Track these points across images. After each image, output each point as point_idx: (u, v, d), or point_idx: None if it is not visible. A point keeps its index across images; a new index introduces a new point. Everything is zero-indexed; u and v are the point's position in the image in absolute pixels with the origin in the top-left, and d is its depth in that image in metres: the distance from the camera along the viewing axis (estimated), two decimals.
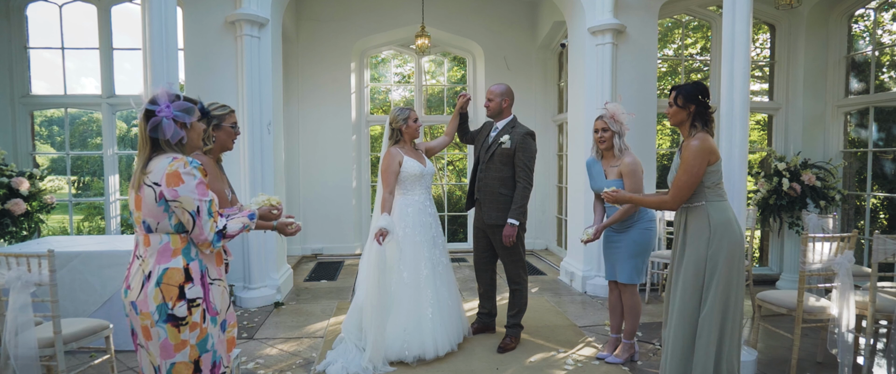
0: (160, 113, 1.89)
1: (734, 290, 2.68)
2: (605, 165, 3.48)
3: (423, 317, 3.49)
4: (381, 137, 10.74)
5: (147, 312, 1.87)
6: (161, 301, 1.87)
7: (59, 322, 2.72)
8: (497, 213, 3.64)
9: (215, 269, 2.03)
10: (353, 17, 7.20)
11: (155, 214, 1.89)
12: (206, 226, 1.91)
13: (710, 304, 2.67)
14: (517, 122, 3.73)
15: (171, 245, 1.91)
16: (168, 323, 1.87)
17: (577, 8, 5.36)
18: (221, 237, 1.96)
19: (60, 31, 5.75)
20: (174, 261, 1.90)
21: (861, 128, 5.78)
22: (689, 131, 2.77)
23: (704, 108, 2.73)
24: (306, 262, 7.04)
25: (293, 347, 3.84)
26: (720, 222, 2.68)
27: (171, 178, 1.86)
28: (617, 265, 3.48)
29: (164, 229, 1.91)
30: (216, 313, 2.01)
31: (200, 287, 1.94)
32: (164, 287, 1.87)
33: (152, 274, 1.89)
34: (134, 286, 1.92)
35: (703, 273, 2.70)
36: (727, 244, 2.67)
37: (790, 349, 3.45)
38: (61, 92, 5.76)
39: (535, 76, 7.61)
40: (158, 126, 1.89)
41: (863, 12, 5.74)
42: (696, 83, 2.76)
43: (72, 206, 5.94)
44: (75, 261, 3.63)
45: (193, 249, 1.95)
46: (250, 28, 4.71)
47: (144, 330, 1.90)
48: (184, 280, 1.90)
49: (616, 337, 3.64)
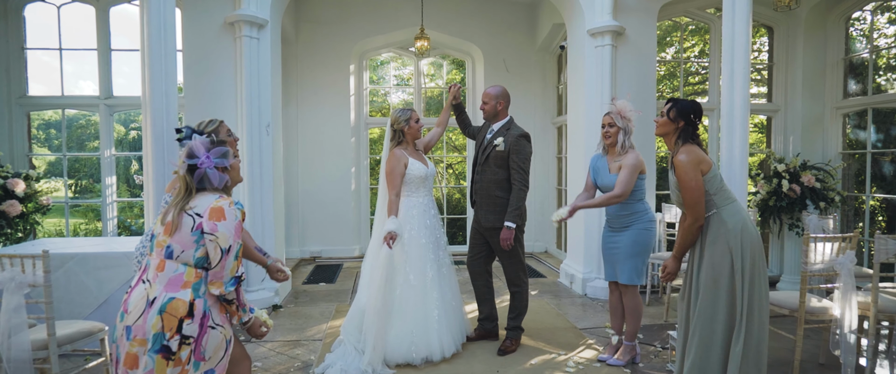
0: (202, 165, 1.99)
1: (758, 291, 2.65)
2: (609, 160, 3.48)
3: (430, 319, 3.47)
4: (380, 139, 10.74)
5: (142, 338, 1.84)
6: (159, 330, 1.84)
7: (53, 324, 2.69)
8: (494, 216, 3.62)
9: (219, 315, 1.98)
10: (352, 19, 7.19)
11: (185, 242, 1.93)
12: (229, 266, 1.94)
13: (740, 309, 2.63)
14: (513, 124, 3.70)
15: (185, 277, 1.92)
16: (159, 354, 1.83)
17: (576, 10, 5.36)
18: (236, 283, 1.98)
19: (58, 32, 5.74)
20: (182, 293, 1.89)
21: (860, 129, 5.78)
22: (673, 144, 2.80)
23: (693, 128, 2.77)
24: (305, 264, 7.00)
25: (291, 349, 3.81)
26: (737, 226, 2.65)
27: (215, 212, 1.93)
28: (617, 266, 3.46)
29: (186, 259, 1.94)
30: (202, 359, 1.92)
31: (197, 327, 1.89)
32: (166, 317, 1.85)
33: (156, 301, 1.87)
34: (133, 311, 1.89)
35: (729, 279, 2.65)
36: (749, 247, 2.64)
37: (792, 351, 3.43)
38: (59, 93, 5.73)
39: (535, 79, 7.60)
40: (204, 178, 2.00)
41: (859, 15, 5.76)
42: (693, 102, 2.79)
43: (68, 208, 5.90)
44: (71, 263, 3.60)
45: (203, 286, 1.94)
46: (249, 29, 4.70)
47: (131, 358, 1.84)
48: (185, 315, 1.87)
49: (619, 339, 3.62)
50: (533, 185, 7.67)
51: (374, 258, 3.45)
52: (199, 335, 1.89)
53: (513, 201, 3.55)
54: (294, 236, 7.20)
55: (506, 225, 3.53)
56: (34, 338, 2.67)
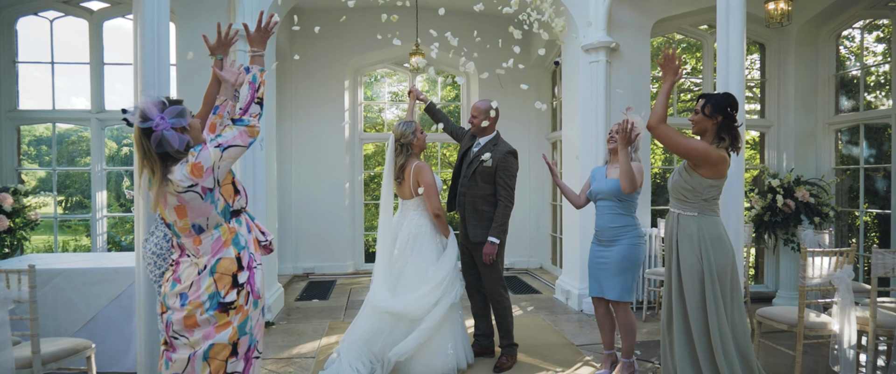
0: (158, 127, 1.87)
1: (728, 304, 2.65)
2: (609, 168, 3.49)
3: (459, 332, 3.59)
4: (375, 155, 10.72)
5: (197, 301, 1.93)
6: (213, 290, 1.94)
7: (38, 341, 2.61)
8: (481, 230, 3.59)
9: (257, 254, 2.12)
10: (347, 35, 7.21)
11: (204, 211, 1.95)
12: (235, 133, 1.99)
13: (710, 320, 2.64)
14: (500, 139, 3.70)
15: (222, 237, 2.00)
16: (217, 309, 1.94)
17: (570, 26, 5.40)
18: (246, 115, 2.06)
19: (50, 45, 5.70)
20: (226, 251, 2.00)
21: (852, 145, 5.83)
22: (710, 141, 2.73)
23: (731, 121, 2.71)
24: (298, 281, 6.91)
25: (283, 367, 3.72)
26: (710, 236, 2.68)
27: (196, 169, 1.90)
28: (604, 282, 3.39)
29: (214, 222, 1.99)
30: (259, 296, 2.07)
31: (248, 271, 2.02)
32: (218, 277, 1.96)
33: (207, 266, 1.96)
34: (185, 280, 1.97)
35: (698, 286, 2.67)
36: (716, 259, 2.66)
37: (790, 367, 3.39)
38: (50, 107, 5.68)
39: (529, 95, 7.63)
40: (162, 140, 1.87)
41: (848, 33, 5.84)
42: (726, 95, 2.73)
43: (57, 223, 5.81)
44: (58, 278, 3.51)
45: (242, 238, 2.05)
46: (244, 43, 4.69)
47: (190, 319, 1.92)
48: (237, 269, 1.99)
49: (610, 353, 3.57)
50: (528, 200, 7.70)
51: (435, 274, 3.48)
52: (249, 278, 2.03)
53: (498, 218, 3.55)
54: (287, 252, 7.11)
55: (489, 240, 3.53)
56: (18, 356, 2.59)
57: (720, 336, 2.64)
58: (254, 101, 2.09)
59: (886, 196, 5.40)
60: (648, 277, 4.93)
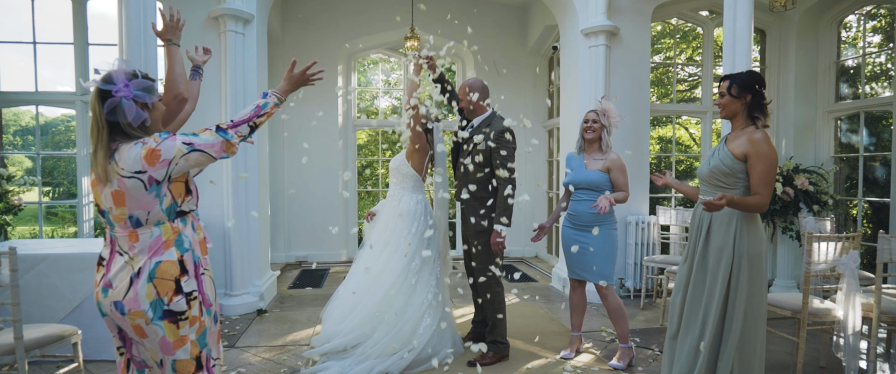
0: (118, 93, 1.71)
1: (757, 291, 2.52)
2: (587, 158, 3.45)
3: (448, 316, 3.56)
4: (368, 143, 10.59)
5: (138, 310, 1.72)
6: (155, 297, 1.73)
7: (20, 327, 2.50)
8: (479, 218, 3.41)
9: (203, 259, 1.92)
10: (340, 19, 7.06)
11: (146, 203, 1.74)
12: (211, 140, 1.77)
13: (732, 304, 2.50)
14: (495, 118, 3.47)
15: (163, 237, 1.78)
16: (165, 320, 1.75)
17: (569, 10, 5.30)
18: (233, 129, 1.83)
19: (32, 25, 5.50)
20: (167, 254, 1.77)
21: (852, 133, 5.79)
22: (743, 124, 2.56)
23: (761, 98, 2.54)
24: (291, 269, 6.81)
25: (277, 355, 3.64)
26: (747, 220, 2.51)
27: (151, 156, 1.69)
28: (592, 267, 3.38)
29: (156, 218, 1.76)
30: (210, 304, 1.91)
31: (194, 280, 1.82)
32: (158, 282, 1.74)
33: (143, 270, 1.74)
34: (118, 285, 1.75)
35: (725, 269, 2.51)
36: (751, 243, 2.49)
37: (793, 354, 3.35)
38: (32, 89, 5.50)
39: (526, 81, 7.54)
40: (117, 108, 1.70)
41: (849, 21, 5.78)
42: (750, 72, 2.57)
43: (42, 211, 5.65)
44: (42, 264, 3.39)
45: (186, 239, 1.82)
46: (235, 24, 4.55)
47: (137, 329, 1.76)
48: (179, 273, 1.77)
49: (577, 335, 3.63)
50: (523, 190, 7.62)
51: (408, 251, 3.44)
52: (199, 286, 1.85)
53: (499, 202, 3.33)
54: (280, 241, 7.00)
55: (495, 228, 3.32)
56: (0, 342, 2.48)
57: (742, 322, 2.48)
58: (249, 122, 1.87)
59: (884, 185, 5.38)
60: (647, 264, 4.87)
